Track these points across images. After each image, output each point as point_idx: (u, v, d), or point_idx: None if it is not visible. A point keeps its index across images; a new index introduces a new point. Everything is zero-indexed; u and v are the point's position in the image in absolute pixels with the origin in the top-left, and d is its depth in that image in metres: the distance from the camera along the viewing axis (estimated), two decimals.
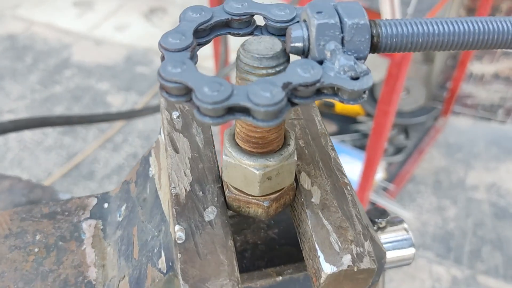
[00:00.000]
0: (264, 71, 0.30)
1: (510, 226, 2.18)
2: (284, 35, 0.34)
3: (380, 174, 2.17)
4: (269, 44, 0.31)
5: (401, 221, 0.52)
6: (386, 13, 1.24)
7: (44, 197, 0.68)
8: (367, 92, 0.30)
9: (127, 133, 2.59)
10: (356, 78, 0.30)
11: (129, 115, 0.96)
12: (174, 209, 0.35)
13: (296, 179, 0.38)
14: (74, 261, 0.43)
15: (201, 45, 0.34)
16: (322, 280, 0.32)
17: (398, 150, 2.30)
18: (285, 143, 0.35)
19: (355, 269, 0.32)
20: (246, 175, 0.34)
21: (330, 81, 0.29)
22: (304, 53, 0.32)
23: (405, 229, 0.51)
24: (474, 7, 2.25)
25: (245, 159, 0.34)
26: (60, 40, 3.16)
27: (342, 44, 0.31)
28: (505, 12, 2.24)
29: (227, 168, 0.35)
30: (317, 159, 0.39)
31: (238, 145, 0.35)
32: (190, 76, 0.29)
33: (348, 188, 0.37)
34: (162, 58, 0.31)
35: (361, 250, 0.33)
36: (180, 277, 0.32)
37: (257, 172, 0.34)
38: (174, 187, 0.36)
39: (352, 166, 2.07)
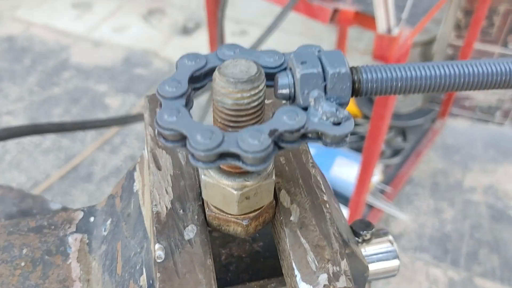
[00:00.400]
0: (239, 95, 0.31)
1: (507, 229, 2.18)
2: (273, 79, 0.36)
3: (377, 177, 2.17)
4: (244, 68, 0.31)
5: (386, 233, 0.52)
6: (380, 18, 1.24)
7: (34, 207, 0.69)
8: (349, 135, 0.33)
9: (125, 135, 2.60)
10: (338, 124, 0.32)
11: (123, 121, 0.96)
12: (154, 228, 0.35)
13: (276, 197, 0.39)
14: (59, 275, 0.43)
15: (196, 89, 0.36)
16: None
17: (396, 152, 2.31)
18: None
19: None
20: (225, 194, 0.35)
21: (313, 127, 0.32)
22: (290, 98, 0.34)
23: (390, 241, 0.51)
24: (471, 9, 2.25)
25: (224, 179, 0.34)
26: (59, 41, 3.16)
27: (325, 91, 0.34)
28: (503, 14, 2.24)
29: (206, 188, 0.36)
30: (297, 176, 0.39)
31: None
32: (184, 124, 0.31)
33: (327, 206, 0.37)
34: (160, 105, 0.33)
35: (338, 269, 0.34)
36: None
37: (235, 192, 0.34)
38: (155, 204, 0.37)
39: (349, 169, 2.07)
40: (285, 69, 0.36)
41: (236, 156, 0.31)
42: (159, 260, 0.34)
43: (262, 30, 1.37)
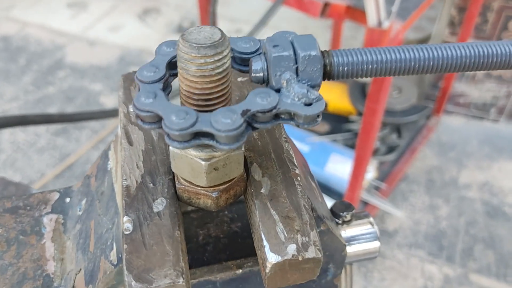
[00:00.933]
0: (202, 60, 0.30)
1: (502, 225, 2.18)
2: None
3: (372, 173, 2.17)
4: (208, 34, 0.31)
5: (366, 215, 0.52)
6: (371, 11, 1.24)
7: (17, 194, 0.68)
8: (320, 116, 0.34)
9: None
10: (309, 104, 0.33)
11: (111, 113, 0.96)
12: (124, 201, 0.35)
13: (248, 170, 0.38)
14: (33, 255, 0.43)
15: (175, 75, 0.37)
16: (267, 270, 0.33)
17: (391, 149, 2.31)
18: None
19: (300, 259, 0.32)
20: (193, 166, 0.34)
21: (285, 107, 0.33)
22: (264, 81, 0.36)
23: (371, 223, 0.51)
24: (465, 6, 2.26)
25: (191, 150, 0.34)
26: (54, 41, 3.16)
27: (297, 74, 0.35)
28: (496, 11, 2.24)
29: (174, 159, 0.35)
30: (270, 151, 0.39)
31: None
32: (160, 105, 0.32)
33: (298, 179, 0.37)
34: (138, 89, 0.34)
35: (307, 239, 0.33)
36: (124, 268, 0.32)
37: (203, 163, 0.34)
38: (125, 179, 0.36)
39: (343, 166, 2.07)
40: (260, 53, 0.37)
41: (210, 136, 0.32)
42: (126, 232, 0.33)
43: None
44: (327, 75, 0.36)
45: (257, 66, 0.35)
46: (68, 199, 0.47)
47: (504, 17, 2.25)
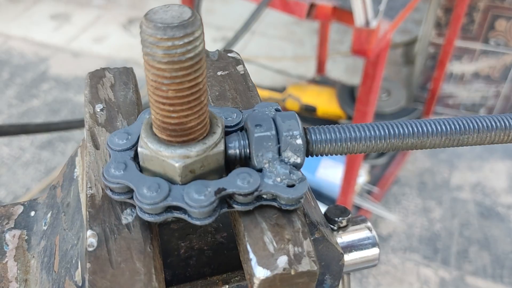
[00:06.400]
0: (169, 43, 0.26)
1: (496, 225, 2.16)
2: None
3: (363, 178, 2.14)
4: (176, 13, 0.26)
5: (364, 220, 0.48)
6: (358, 10, 1.21)
7: None
8: (304, 196, 0.33)
9: None
10: (292, 186, 0.32)
11: None
12: (87, 212, 0.31)
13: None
14: None
15: None
16: (255, 287, 0.28)
17: (382, 153, 2.28)
18: (210, 131, 0.31)
19: (293, 272, 0.28)
20: (166, 168, 0.30)
21: (267, 189, 0.32)
22: (240, 160, 0.35)
23: (368, 228, 0.47)
24: (451, 7, 2.25)
25: (163, 150, 0.30)
26: (37, 53, 3.10)
27: (279, 153, 0.34)
28: (482, 11, 2.24)
29: (144, 162, 0.31)
30: None
31: (155, 134, 0.31)
32: (131, 177, 0.31)
33: None
34: (109, 157, 0.34)
35: (300, 250, 0.29)
36: None
37: (177, 165, 0.30)
38: (90, 187, 0.32)
39: (334, 170, 2.03)
40: (241, 128, 0.36)
41: (183, 209, 0.31)
42: (90, 249, 0.29)
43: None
44: (308, 152, 0.36)
45: (233, 145, 0.34)
46: (33, 213, 0.42)
47: (490, 16, 2.24)
